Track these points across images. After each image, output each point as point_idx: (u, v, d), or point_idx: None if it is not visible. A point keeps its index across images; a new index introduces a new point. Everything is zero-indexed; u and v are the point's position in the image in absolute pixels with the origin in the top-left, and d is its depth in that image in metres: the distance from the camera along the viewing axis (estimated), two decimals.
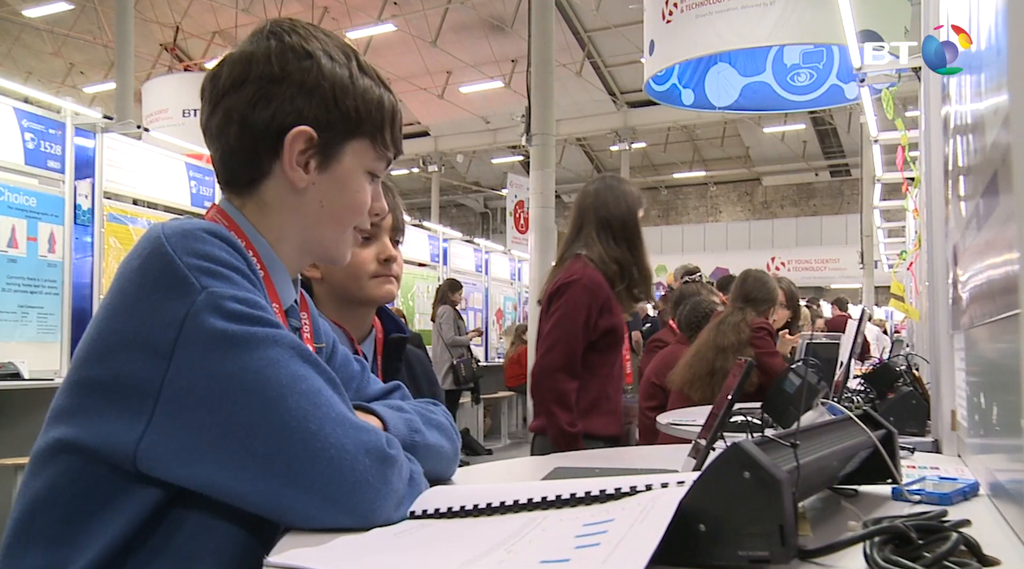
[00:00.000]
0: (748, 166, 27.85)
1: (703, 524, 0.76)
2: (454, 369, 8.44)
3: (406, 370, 1.86)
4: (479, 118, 23.29)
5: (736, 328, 3.42)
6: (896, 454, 1.18)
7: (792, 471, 0.79)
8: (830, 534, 0.88)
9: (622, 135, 22.85)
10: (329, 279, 1.70)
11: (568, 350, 2.35)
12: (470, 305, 11.01)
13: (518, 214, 12.17)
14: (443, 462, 1.16)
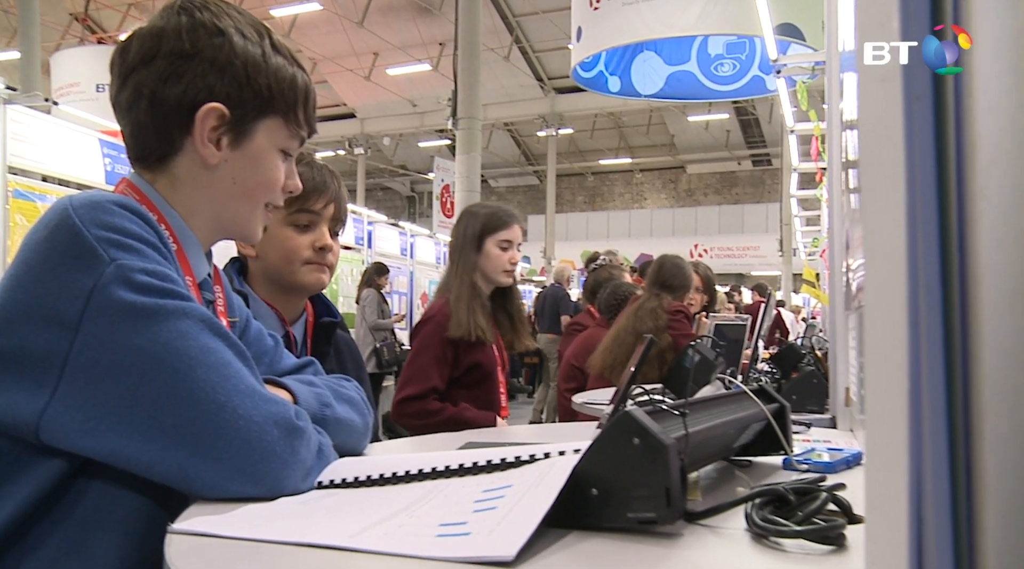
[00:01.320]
0: (673, 154, 28.30)
1: (595, 488, 0.80)
2: (377, 352, 8.40)
3: (334, 354, 1.88)
4: (406, 101, 23.12)
5: (653, 313, 3.50)
6: (788, 427, 1.24)
7: (680, 438, 0.84)
8: (719, 499, 0.93)
9: (549, 121, 22.98)
10: (263, 260, 1.70)
11: (422, 387, 2.34)
12: (395, 289, 10.97)
13: (445, 198, 12.17)
14: (354, 436, 1.18)
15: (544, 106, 23.26)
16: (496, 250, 2.44)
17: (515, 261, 2.46)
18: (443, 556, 0.69)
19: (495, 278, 2.45)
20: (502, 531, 0.72)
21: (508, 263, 2.44)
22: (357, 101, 24.29)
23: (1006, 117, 0.26)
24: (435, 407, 2.34)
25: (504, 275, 2.45)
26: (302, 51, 20.24)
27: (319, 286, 1.71)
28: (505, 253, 2.44)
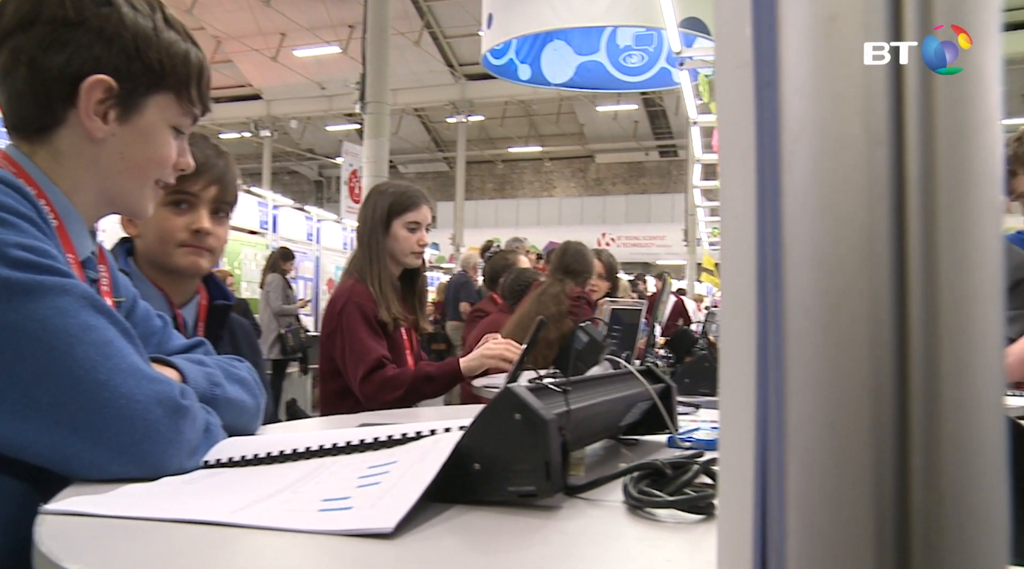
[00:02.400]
0: (582, 143, 28.60)
1: (478, 463, 0.82)
2: (282, 338, 8.26)
3: (229, 338, 1.84)
4: (314, 83, 22.70)
5: (556, 299, 3.55)
6: (673, 406, 1.29)
7: (562, 414, 0.86)
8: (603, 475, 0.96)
9: (459, 107, 22.92)
10: (143, 239, 1.66)
11: (372, 361, 2.31)
12: (300, 274, 10.80)
13: (353, 183, 12.02)
14: (245, 416, 1.17)
15: (454, 92, 23.18)
16: (404, 232, 2.43)
17: (423, 243, 2.45)
18: (323, 529, 0.69)
19: (403, 260, 2.45)
20: (383, 505, 0.73)
21: (416, 245, 2.43)
22: (263, 82, 23.73)
23: (807, 98, 0.29)
24: (392, 372, 2.32)
25: (413, 257, 2.44)
26: (205, 28, 19.67)
27: (195, 270, 1.66)
28: (413, 235, 2.43)
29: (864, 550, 0.28)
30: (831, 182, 0.28)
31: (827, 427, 0.28)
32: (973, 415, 0.27)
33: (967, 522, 0.28)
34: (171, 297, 1.66)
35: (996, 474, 0.28)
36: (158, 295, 1.63)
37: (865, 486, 0.28)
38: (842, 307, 0.28)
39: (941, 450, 0.28)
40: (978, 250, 0.27)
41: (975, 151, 0.27)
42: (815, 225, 0.29)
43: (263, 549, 0.68)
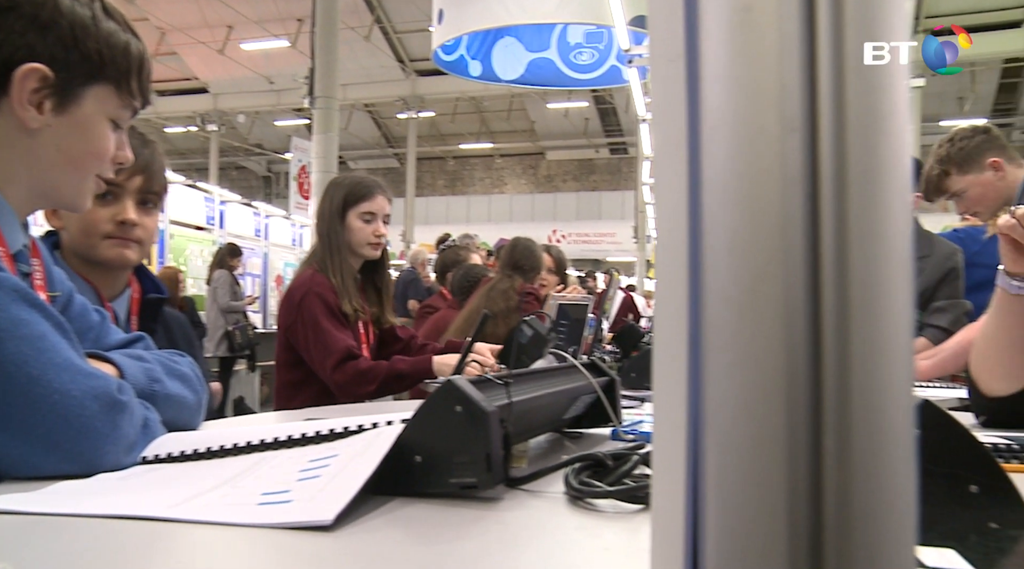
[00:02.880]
0: (533, 140, 28.65)
1: (419, 455, 0.82)
2: (229, 335, 8.14)
3: (164, 332, 1.81)
4: (262, 78, 22.37)
5: (505, 295, 3.55)
6: (616, 399, 1.30)
7: (503, 407, 0.87)
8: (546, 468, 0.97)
9: (410, 103, 22.81)
10: (67, 232, 1.62)
11: (340, 351, 2.30)
12: (248, 270, 10.66)
13: (302, 179, 11.89)
14: (186, 412, 1.15)
15: (405, 88, 23.05)
16: (359, 223, 2.41)
17: (379, 233, 2.42)
18: (262, 523, 0.69)
19: (360, 251, 2.43)
20: (323, 497, 0.73)
21: (372, 235, 2.41)
22: (210, 75, 23.32)
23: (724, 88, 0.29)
24: (367, 365, 2.30)
25: (369, 248, 2.42)
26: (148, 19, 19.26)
27: (122, 262, 1.63)
28: (368, 225, 2.42)
29: (778, 528, 0.28)
30: (746, 170, 0.29)
31: (743, 409, 0.29)
32: (883, 397, 0.28)
33: (877, 500, 0.28)
34: (100, 290, 1.62)
35: (905, 454, 0.29)
36: (87, 288, 1.59)
37: (780, 466, 0.28)
38: (757, 291, 0.28)
39: (852, 431, 0.28)
40: (888, 236, 0.28)
41: (885, 139, 0.28)
42: (731, 213, 0.29)
43: (200, 544, 0.67)
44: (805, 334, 0.28)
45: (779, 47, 0.28)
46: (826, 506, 0.28)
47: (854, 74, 0.28)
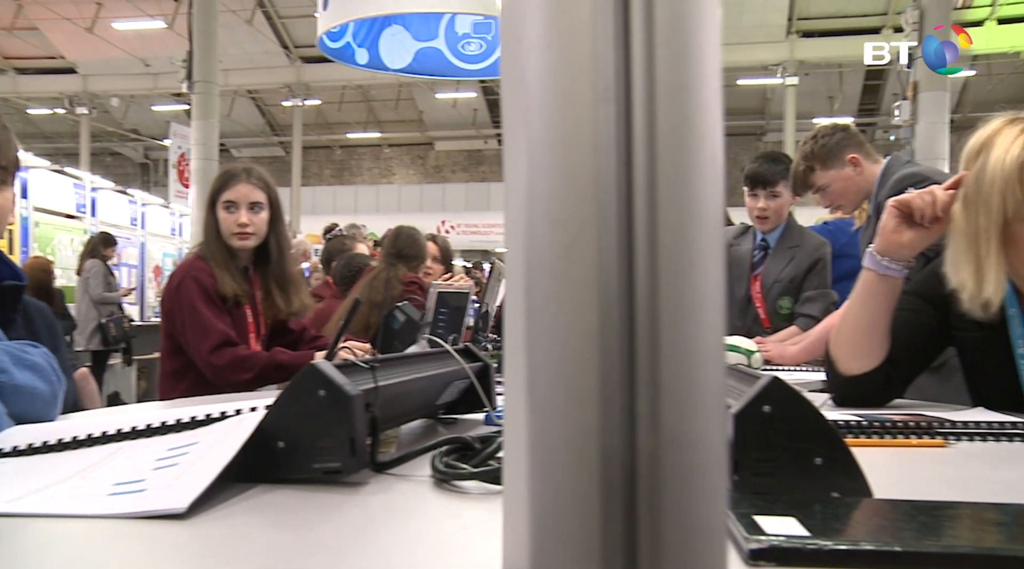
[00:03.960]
0: (422, 130, 28.46)
1: (282, 441, 0.80)
2: (103, 328, 7.79)
3: (25, 323, 1.71)
4: (137, 59, 21.38)
5: (388, 284, 3.52)
6: (491, 385, 1.31)
7: (369, 391, 0.86)
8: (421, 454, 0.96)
9: (295, 90, 22.29)
10: None
11: (218, 336, 2.23)
12: (123, 261, 10.23)
13: (182, 166, 11.48)
14: (37, 403, 1.10)
15: (290, 75, 22.49)
16: (223, 212, 2.35)
17: (240, 222, 2.34)
18: (112, 513, 0.66)
19: (227, 241, 2.36)
20: (178, 486, 0.70)
21: (234, 225, 2.34)
22: (78, 55, 22.13)
23: (541, 56, 0.30)
24: (246, 352, 2.23)
25: (235, 238, 2.34)
26: None
27: None
28: (231, 215, 2.34)
29: (592, 490, 0.29)
30: (561, 139, 0.29)
31: (558, 375, 0.29)
32: (694, 359, 0.29)
33: (688, 461, 0.29)
34: None
35: (715, 416, 0.30)
36: None
37: (593, 430, 0.29)
38: (571, 257, 0.29)
39: (663, 393, 0.29)
40: (698, 201, 0.29)
41: (695, 108, 0.29)
42: (548, 181, 0.30)
43: (43, 537, 0.64)
44: (619, 300, 0.29)
45: (592, 19, 0.29)
46: (639, 467, 0.29)
47: (664, 46, 0.29)
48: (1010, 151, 1.27)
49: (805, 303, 2.88)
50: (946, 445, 1.11)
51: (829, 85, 20.43)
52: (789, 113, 17.82)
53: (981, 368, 1.49)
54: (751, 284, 3.00)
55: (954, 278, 1.36)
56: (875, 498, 0.73)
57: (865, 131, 21.60)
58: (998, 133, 1.32)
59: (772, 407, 0.75)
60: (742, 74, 19.27)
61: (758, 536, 0.57)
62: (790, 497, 0.72)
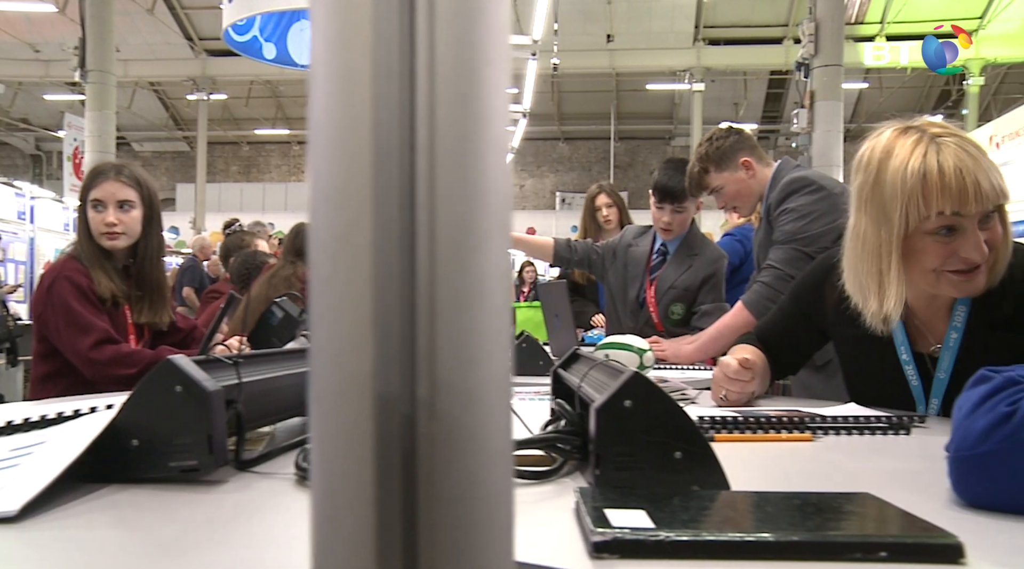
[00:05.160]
0: None
1: (136, 439, 0.77)
2: None
3: None
4: (25, 44, 20.37)
5: (287, 281, 3.45)
6: None
7: (231, 387, 0.83)
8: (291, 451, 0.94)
9: (200, 84, 21.66)
10: None
11: (98, 333, 2.14)
12: (10, 256, 9.77)
13: (77, 159, 11.03)
14: None
15: (194, 68, 21.83)
16: (91, 211, 2.25)
17: (109, 221, 2.24)
18: None
19: (98, 241, 2.26)
20: (14, 487, 0.67)
21: (102, 224, 2.23)
22: None
23: (324, 35, 0.29)
24: (128, 350, 2.13)
25: (104, 238, 2.24)
26: None
27: None
28: (98, 214, 2.24)
29: (367, 473, 0.28)
30: (341, 119, 0.28)
31: (335, 358, 0.29)
32: (474, 346, 0.29)
33: (469, 447, 0.29)
34: None
35: (497, 403, 0.30)
36: None
37: (367, 414, 0.28)
38: (349, 240, 0.28)
39: (440, 380, 0.29)
40: (481, 182, 0.29)
41: (480, 89, 0.28)
42: (328, 162, 0.29)
43: None
44: (399, 283, 0.28)
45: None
46: (420, 452, 0.28)
47: (447, 25, 0.28)
48: (909, 164, 1.25)
49: (702, 317, 2.91)
50: (813, 439, 1.15)
51: (734, 92, 20.96)
52: (696, 118, 18.20)
53: (861, 366, 1.53)
54: (647, 287, 3.04)
55: (857, 296, 1.36)
56: (731, 490, 0.75)
57: (768, 137, 22.27)
58: (892, 144, 1.30)
59: (633, 402, 0.76)
60: (651, 79, 19.62)
61: (603, 529, 0.57)
62: (650, 491, 0.73)
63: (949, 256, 1.26)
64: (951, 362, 1.37)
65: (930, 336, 1.40)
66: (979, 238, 1.24)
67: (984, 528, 0.69)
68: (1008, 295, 1.32)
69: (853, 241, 1.34)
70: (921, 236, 1.27)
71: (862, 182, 1.33)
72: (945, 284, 1.29)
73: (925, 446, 1.10)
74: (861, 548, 0.57)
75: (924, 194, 1.23)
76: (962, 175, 1.22)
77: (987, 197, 1.23)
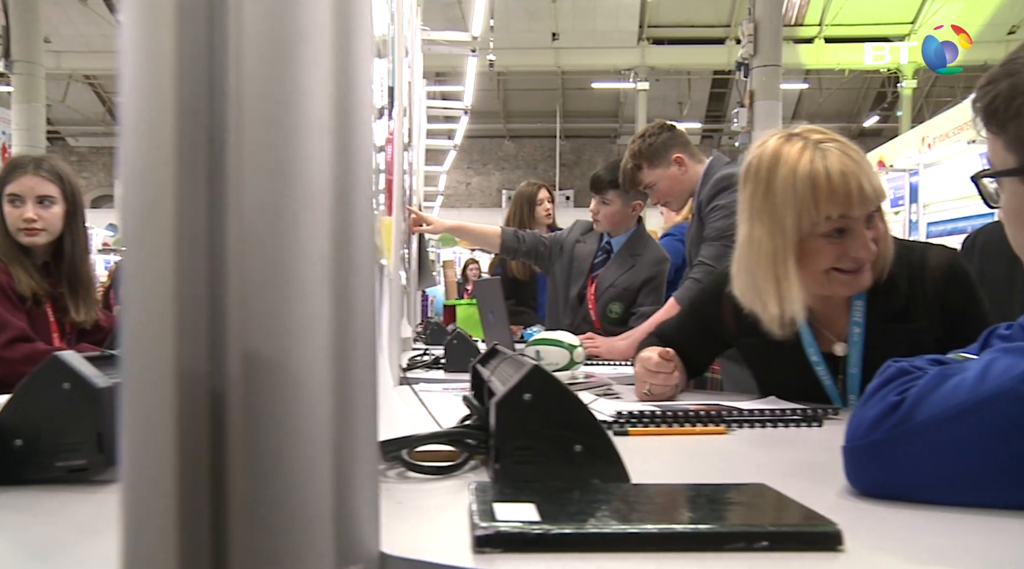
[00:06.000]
0: None
1: (20, 439, 0.75)
2: None
3: None
4: None
5: None
6: None
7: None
8: None
9: None
10: None
11: (13, 331, 2.08)
12: None
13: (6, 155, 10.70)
14: None
15: None
16: (8, 206, 2.17)
17: (27, 217, 2.17)
18: None
19: (15, 238, 2.18)
20: None
21: (20, 220, 2.16)
22: None
23: (131, 21, 0.28)
24: (44, 348, 2.06)
25: (22, 234, 2.17)
26: None
27: None
28: (16, 209, 2.17)
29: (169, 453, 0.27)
30: (147, 94, 0.27)
31: (140, 334, 0.28)
32: (291, 323, 0.28)
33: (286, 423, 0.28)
34: None
35: (319, 381, 0.29)
36: None
37: (171, 390, 0.27)
38: (153, 217, 0.27)
39: (253, 357, 0.28)
40: (293, 158, 0.28)
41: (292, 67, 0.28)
42: (133, 145, 0.28)
43: None
44: (206, 260, 0.27)
45: None
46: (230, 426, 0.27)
47: (253, 4, 0.27)
48: (798, 171, 1.28)
49: (640, 319, 2.91)
50: (727, 432, 1.16)
51: (679, 91, 21.18)
52: (641, 117, 18.34)
53: (772, 373, 1.55)
54: (588, 284, 3.04)
55: (754, 303, 1.37)
56: (631, 484, 0.75)
57: (712, 137, 22.54)
58: (779, 152, 1.32)
59: (533, 396, 0.75)
60: (597, 77, 19.73)
61: (487, 523, 0.57)
62: (549, 485, 0.73)
63: (840, 256, 1.31)
64: (859, 357, 1.40)
65: (833, 334, 1.43)
66: (867, 237, 1.30)
67: (870, 515, 0.70)
68: (898, 289, 1.38)
69: (748, 249, 1.36)
70: (814, 239, 1.30)
71: (752, 191, 1.36)
72: (835, 283, 1.34)
73: (834, 438, 1.12)
74: (743, 538, 0.57)
75: (814, 200, 1.27)
76: (847, 179, 1.27)
77: (870, 198, 1.29)
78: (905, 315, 1.38)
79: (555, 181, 20.33)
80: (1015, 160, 0.88)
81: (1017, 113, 0.85)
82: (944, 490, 0.74)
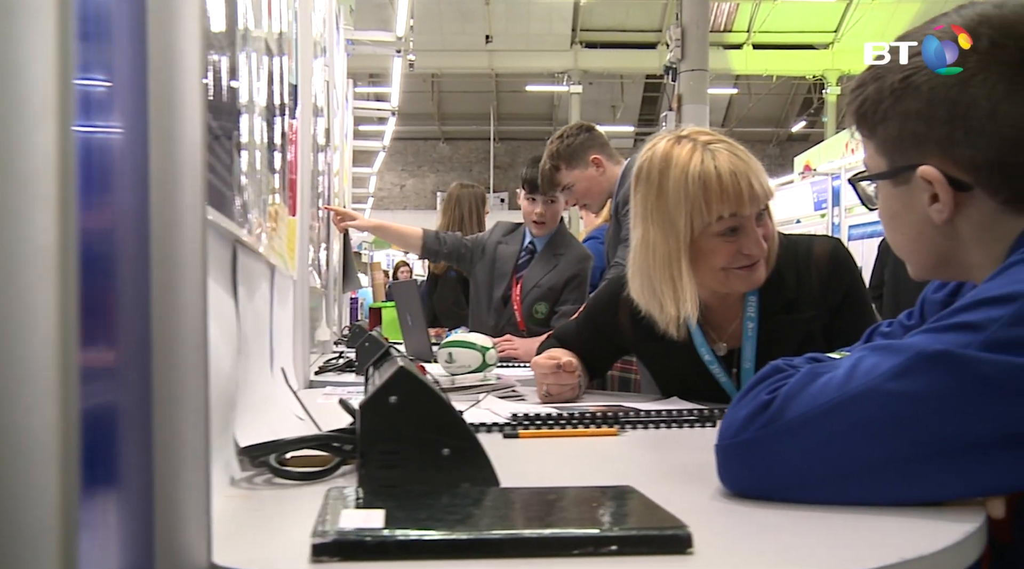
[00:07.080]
0: None
1: None
2: None
3: None
4: None
5: None
6: None
7: None
8: None
9: None
10: None
11: None
12: None
13: None
14: None
15: None
16: None
17: None
18: None
19: None
20: None
21: None
22: None
23: None
24: None
25: None
26: None
27: None
28: None
29: None
30: None
31: None
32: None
33: None
34: None
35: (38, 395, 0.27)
36: None
37: None
38: None
39: None
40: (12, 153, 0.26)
41: None
42: None
43: None
44: None
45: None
46: None
47: None
48: (689, 172, 1.29)
49: (562, 317, 2.90)
50: (619, 434, 1.16)
51: (612, 94, 21.35)
52: (574, 120, 18.35)
53: (670, 376, 1.57)
54: (512, 285, 3.02)
55: (651, 304, 1.38)
56: (498, 488, 0.73)
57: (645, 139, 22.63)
58: (669, 154, 1.33)
59: (399, 398, 0.74)
60: (531, 80, 19.77)
61: (324, 530, 0.55)
62: (412, 490, 0.71)
63: (734, 254, 1.33)
64: (753, 351, 1.41)
65: (727, 332, 1.45)
66: (758, 234, 1.32)
67: (731, 517, 0.70)
68: (786, 281, 1.41)
69: (642, 252, 1.37)
70: (708, 238, 1.32)
71: (645, 193, 1.37)
72: (733, 280, 1.36)
73: None
74: (591, 542, 0.56)
75: (706, 200, 1.29)
76: (737, 179, 1.29)
77: (760, 197, 1.31)
78: (795, 305, 1.41)
79: (489, 183, 20.29)
80: (886, 163, 0.89)
81: (884, 117, 0.86)
82: (813, 488, 0.74)
